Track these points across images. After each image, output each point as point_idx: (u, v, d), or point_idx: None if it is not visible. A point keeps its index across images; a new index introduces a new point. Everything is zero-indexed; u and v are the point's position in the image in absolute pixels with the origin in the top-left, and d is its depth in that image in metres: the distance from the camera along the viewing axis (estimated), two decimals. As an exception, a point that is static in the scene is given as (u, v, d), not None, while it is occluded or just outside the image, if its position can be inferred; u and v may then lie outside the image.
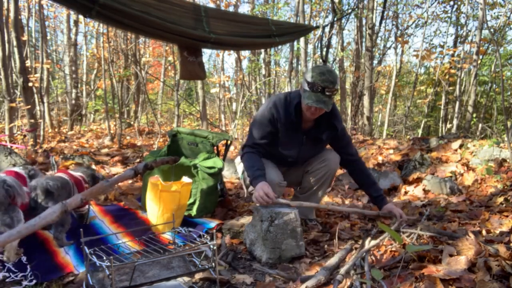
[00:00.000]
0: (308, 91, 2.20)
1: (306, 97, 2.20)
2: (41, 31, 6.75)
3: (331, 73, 2.18)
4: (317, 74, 2.17)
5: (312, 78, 2.18)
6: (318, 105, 2.17)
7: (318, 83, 2.15)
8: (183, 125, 11.78)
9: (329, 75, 2.16)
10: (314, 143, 2.47)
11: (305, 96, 2.21)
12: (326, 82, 2.15)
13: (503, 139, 4.76)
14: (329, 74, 2.17)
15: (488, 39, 7.98)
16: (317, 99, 2.17)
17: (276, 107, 2.35)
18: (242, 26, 3.98)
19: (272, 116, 2.34)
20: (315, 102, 2.17)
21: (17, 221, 1.98)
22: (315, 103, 2.16)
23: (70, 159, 4.55)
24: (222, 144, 3.23)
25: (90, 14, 3.05)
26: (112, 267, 1.45)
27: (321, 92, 2.17)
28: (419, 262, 1.75)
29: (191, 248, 1.83)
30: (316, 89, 2.16)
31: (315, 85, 2.16)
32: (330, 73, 2.17)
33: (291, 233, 2.10)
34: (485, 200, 3.05)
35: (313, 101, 2.17)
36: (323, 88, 2.15)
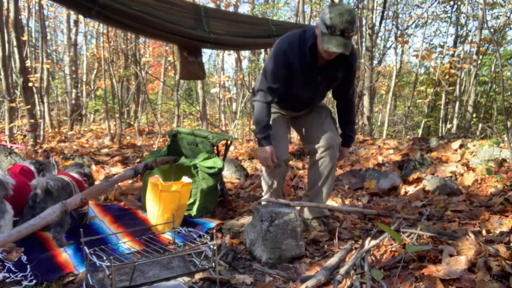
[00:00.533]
0: (327, 34, 2.08)
1: (326, 41, 2.08)
2: (41, 31, 6.75)
3: (350, 12, 2.04)
4: (336, 16, 2.03)
5: (330, 20, 2.04)
6: (339, 50, 2.07)
7: (338, 25, 2.03)
8: (183, 125, 11.78)
9: (348, 15, 2.03)
10: (330, 81, 2.43)
11: (324, 40, 2.09)
12: (346, 23, 2.03)
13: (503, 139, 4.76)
14: (349, 14, 2.03)
15: (488, 39, 7.98)
16: (338, 43, 2.06)
17: (290, 50, 2.25)
18: (242, 26, 3.98)
19: (286, 61, 2.26)
20: (336, 46, 2.06)
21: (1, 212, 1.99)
22: (336, 47, 2.06)
23: (70, 159, 4.55)
24: (222, 144, 3.23)
25: (90, 14, 3.06)
26: (112, 267, 1.45)
27: (341, 35, 2.05)
28: (419, 262, 1.75)
29: (191, 248, 1.83)
30: (336, 32, 2.04)
31: (335, 28, 2.04)
32: (349, 13, 2.03)
33: (291, 233, 2.10)
34: (485, 200, 3.05)
35: (334, 45, 2.06)
36: (343, 30, 2.04)
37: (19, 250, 2.13)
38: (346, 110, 2.61)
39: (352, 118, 2.64)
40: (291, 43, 2.26)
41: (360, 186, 3.79)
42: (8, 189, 2.04)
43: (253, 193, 3.73)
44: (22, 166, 2.62)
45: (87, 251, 1.60)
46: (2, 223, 1.99)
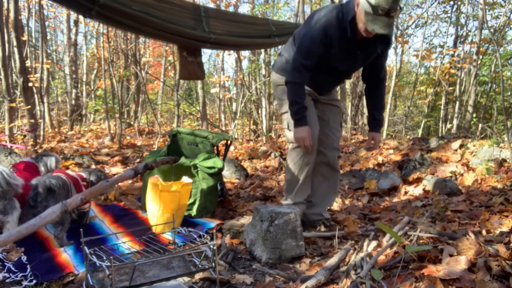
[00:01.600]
0: (371, 14, 1.99)
1: (370, 21, 2.01)
2: (41, 31, 6.75)
3: None
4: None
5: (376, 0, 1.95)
6: (385, 31, 2.00)
7: (383, 5, 1.94)
8: (183, 125, 11.78)
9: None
10: (368, 55, 2.35)
11: (369, 20, 2.01)
12: (392, 3, 1.94)
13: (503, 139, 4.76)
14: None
15: (488, 39, 7.98)
16: (383, 24, 1.98)
17: (330, 27, 2.16)
18: (242, 26, 3.98)
19: (324, 37, 2.17)
20: (382, 28, 1.99)
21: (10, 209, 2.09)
22: (382, 29, 1.99)
23: (70, 159, 4.55)
24: (222, 144, 3.23)
25: (90, 15, 3.06)
26: (112, 267, 1.45)
27: (385, 15, 1.97)
28: (419, 262, 1.75)
29: (191, 248, 1.83)
30: (380, 12, 1.96)
31: (380, 8, 1.95)
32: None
33: (291, 233, 2.10)
34: (485, 200, 3.05)
35: (380, 27, 1.99)
36: (388, 10, 1.96)
37: (19, 250, 2.13)
38: (378, 92, 2.49)
39: (382, 102, 2.53)
40: (330, 18, 2.16)
41: (360, 186, 3.80)
42: (17, 188, 2.11)
43: (253, 193, 3.73)
44: (26, 162, 2.63)
45: (87, 251, 1.60)
46: (10, 219, 2.08)
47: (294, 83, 2.29)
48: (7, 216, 2.09)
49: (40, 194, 2.19)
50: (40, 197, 2.19)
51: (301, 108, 2.29)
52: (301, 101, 2.29)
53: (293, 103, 2.30)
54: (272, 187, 3.92)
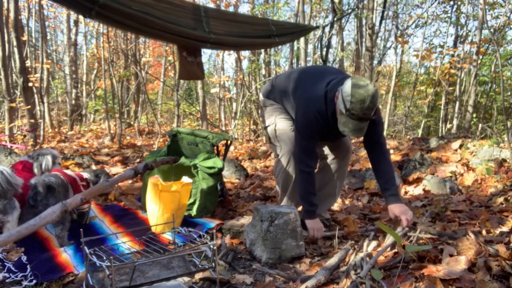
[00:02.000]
0: (344, 115, 2.03)
1: (342, 123, 2.05)
2: (41, 31, 6.76)
3: (372, 98, 1.94)
4: (357, 102, 1.94)
5: (351, 104, 1.96)
6: (353, 135, 2.07)
7: (357, 112, 1.97)
8: (183, 125, 11.78)
9: (370, 101, 1.94)
10: None
11: (341, 121, 2.06)
12: (366, 110, 1.96)
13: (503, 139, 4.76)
14: (371, 101, 1.94)
15: (488, 39, 7.98)
16: (354, 127, 2.03)
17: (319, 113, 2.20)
18: (242, 26, 3.98)
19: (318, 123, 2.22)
20: (352, 131, 2.04)
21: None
22: (352, 132, 2.05)
23: (70, 159, 4.55)
24: (222, 144, 3.23)
25: (90, 15, 3.05)
26: (112, 267, 1.45)
27: (358, 120, 2.00)
28: (419, 262, 1.75)
29: (191, 248, 1.83)
30: (354, 116, 1.99)
31: (353, 112, 1.98)
32: (371, 99, 1.94)
33: (291, 233, 2.10)
34: (485, 200, 3.05)
35: (349, 130, 2.04)
36: (363, 118, 2.00)
37: (19, 250, 2.13)
38: (379, 158, 2.34)
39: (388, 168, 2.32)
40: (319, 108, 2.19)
41: (360, 186, 3.80)
42: (17, 188, 2.12)
43: (253, 193, 3.73)
44: (24, 162, 2.63)
45: (87, 251, 1.60)
46: (10, 218, 2.10)
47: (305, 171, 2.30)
48: (7, 215, 2.10)
49: (40, 193, 2.19)
50: (40, 196, 2.19)
51: (315, 199, 2.32)
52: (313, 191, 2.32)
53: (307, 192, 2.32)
54: (272, 187, 3.92)
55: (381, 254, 1.98)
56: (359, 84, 1.97)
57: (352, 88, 1.97)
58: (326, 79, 2.23)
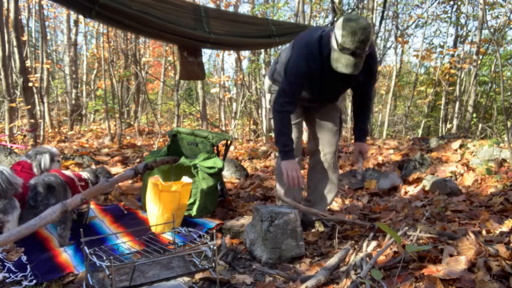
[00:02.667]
0: (336, 50, 1.99)
1: (335, 59, 2.00)
2: (41, 31, 6.75)
3: (364, 30, 1.90)
4: (347, 34, 1.91)
5: (342, 38, 1.93)
6: (347, 70, 1.99)
7: (348, 45, 1.92)
8: (183, 125, 11.78)
9: (361, 34, 1.90)
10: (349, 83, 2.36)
11: (334, 58, 2.01)
12: (358, 43, 1.91)
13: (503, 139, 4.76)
14: (362, 33, 1.90)
15: (488, 39, 7.98)
16: (347, 62, 1.97)
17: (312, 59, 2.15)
18: (242, 26, 3.98)
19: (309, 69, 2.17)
20: (345, 66, 1.98)
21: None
22: (345, 67, 1.98)
23: (70, 159, 4.55)
24: (222, 144, 3.23)
25: (90, 14, 3.06)
26: (112, 267, 1.45)
27: (351, 54, 1.95)
28: (419, 262, 1.75)
29: (191, 248, 1.83)
30: (346, 51, 1.95)
31: (345, 46, 1.94)
32: (363, 31, 1.90)
33: (291, 233, 2.10)
34: (485, 200, 3.05)
35: (342, 65, 1.98)
36: (354, 51, 1.94)
37: (19, 250, 2.13)
38: (363, 106, 2.47)
39: (368, 113, 2.49)
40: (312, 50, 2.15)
41: (360, 186, 3.80)
42: (17, 187, 2.13)
43: (253, 193, 3.73)
44: (22, 163, 2.63)
45: (87, 251, 1.60)
46: (10, 218, 2.11)
47: (281, 111, 2.24)
48: (8, 215, 2.11)
49: (40, 193, 2.19)
50: (40, 196, 2.19)
51: (289, 140, 2.26)
52: (288, 132, 2.26)
53: (280, 134, 2.26)
54: (272, 187, 3.92)
55: (381, 254, 1.99)
56: (350, 18, 1.95)
57: (343, 22, 1.94)
58: (322, 29, 2.23)
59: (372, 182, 3.75)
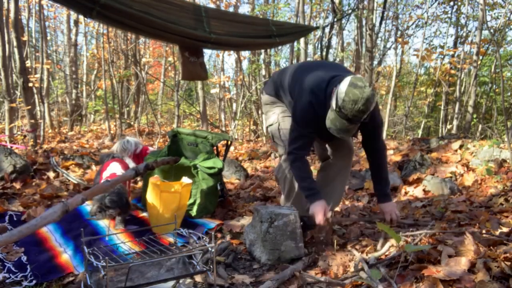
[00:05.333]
0: (334, 111, 1.95)
1: (330, 119, 1.98)
2: (41, 31, 6.76)
3: (366, 101, 1.86)
4: (349, 101, 1.87)
5: (343, 102, 1.89)
6: (339, 134, 1.98)
7: (347, 112, 1.89)
8: (183, 125, 11.78)
9: (362, 104, 1.86)
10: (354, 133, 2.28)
11: (329, 117, 1.99)
12: (357, 112, 1.88)
13: (503, 139, 4.76)
14: (363, 104, 1.86)
15: (488, 40, 7.99)
16: (341, 127, 1.95)
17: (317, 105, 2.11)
18: (243, 27, 3.99)
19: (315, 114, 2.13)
20: (338, 130, 1.97)
21: None
22: (337, 131, 1.97)
23: (70, 159, 4.55)
24: (222, 145, 3.24)
25: (90, 15, 3.06)
26: (107, 267, 1.45)
27: (346, 120, 1.92)
28: (419, 262, 1.75)
29: (188, 250, 1.83)
30: (342, 115, 1.92)
31: (343, 112, 1.91)
32: (364, 102, 1.86)
33: (291, 234, 2.09)
34: (485, 200, 3.05)
35: (336, 128, 1.96)
36: (351, 119, 1.92)
37: (19, 250, 2.13)
38: (375, 162, 2.39)
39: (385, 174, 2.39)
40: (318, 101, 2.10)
41: (360, 187, 3.79)
42: None
43: (253, 194, 3.73)
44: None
45: (86, 250, 1.60)
46: None
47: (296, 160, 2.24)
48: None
49: None
50: None
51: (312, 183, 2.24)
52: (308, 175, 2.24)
53: (302, 179, 2.25)
54: (272, 188, 3.92)
55: (381, 254, 1.99)
56: (357, 84, 1.90)
57: (348, 86, 1.90)
58: (329, 73, 2.16)
59: (372, 182, 3.75)
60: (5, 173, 3.50)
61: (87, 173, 4.14)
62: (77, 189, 3.53)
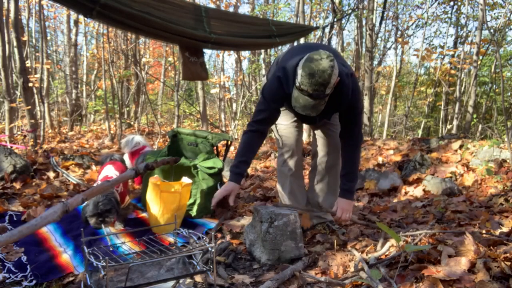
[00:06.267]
0: (297, 89, 1.91)
1: (294, 97, 1.93)
2: (41, 31, 6.75)
3: (323, 73, 1.81)
4: (305, 76, 1.84)
5: (301, 78, 1.86)
6: (303, 111, 1.93)
7: (306, 87, 1.85)
8: (183, 125, 11.78)
9: (319, 77, 1.81)
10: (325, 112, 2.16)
11: (294, 96, 1.94)
12: (315, 85, 1.83)
13: (503, 139, 4.76)
14: (320, 76, 1.81)
15: (488, 40, 7.99)
16: (304, 103, 1.90)
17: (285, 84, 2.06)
18: (243, 27, 3.99)
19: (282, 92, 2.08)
20: (302, 107, 1.92)
21: None
22: (301, 108, 1.92)
23: (70, 159, 4.55)
24: (222, 145, 3.24)
25: (91, 15, 3.06)
26: (107, 267, 1.45)
27: (309, 96, 1.87)
28: (419, 262, 1.75)
29: (188, 250, 1.83)
30: (304, 92, 1.88)
31: (302, 89, 1.87)
32: (321, 74, 1.81)
33: (291, 234, 2.09)
34: (485, 200, 3.05)
35: (300, 105, 1.92)
36: (311, 94, 1.86)
37: (19, 250, 2.13)
38: (348, 151, 2.27)
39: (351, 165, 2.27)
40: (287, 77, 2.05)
41: (360, 187, 3.79)
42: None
43: (253, 194, 3.73)
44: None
45: (86, 250, 1.60)
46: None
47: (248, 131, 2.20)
48: None
49: None
50: None
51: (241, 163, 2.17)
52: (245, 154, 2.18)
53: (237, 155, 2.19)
54: (272, 188, 3.92)
55: (381, 254, 1.99)
56: (313, 57, 1.85)
57: (304, 61, 1.87)
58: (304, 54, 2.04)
59: (372, 182, 3.75)
60: (5, 173, 3.50)
61: (87, 173, 4.14)
62: (77, 189, 3.53)
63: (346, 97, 2.06)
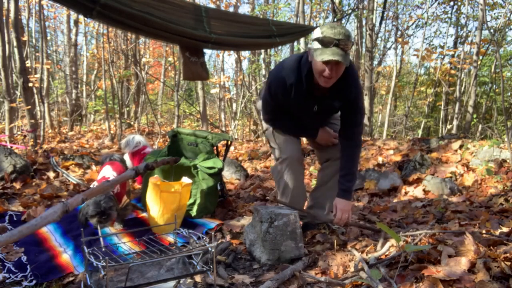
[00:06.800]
0: (320, 48, 1.93)
1: (319, 54, 1.92)
2: (41, 31, 6.75)
3: (342, 27, 1.96)
4: (327, 29, 1.93)
5: (322, 33, 1.92)
6: (335, 57, 1.88)
7: (331, 36, 1.90)
8: (183, 125, 11.78)
9: (341, 28, 1.93)
10: (327, 110, 2.28)
11: (318, 54, 1.93)
12: (339, 35, 1.90)
13: (503, 139, 4.76)
14: (341, 28, 1.94)
15: (488, 40, 7.99)
16: (333, 52, 1.89)
17: (289, 72, 2.13)
18: (243, 27, 3.98)
19: (284, 83, 2.14)
20: (332, 55, 1.89)
21: None
22: (332, 55, 1.89)
23: (70, 159, 4.55)
24: (222, 145, 3.24)
25: (91, 15, 3.05)
26: (107, 267, 1.45)
27: (335, 46, 1.90)
28: (419, 262, 1.75)
29: (188, 250, 1.83)
30: (329, 43, 1.90)
31: (327, 39, 1.90)
32: (341, 27, 1.95)
33: (291, 234, 2.09)
34: (485, 200, 3.05)
35: (329, 54, 1.89)
36: (338, 41, 1.90)
37: (19, 250, 2.13)
38: (347, 151, 2.28)
39: (350, 165, 2.28)
40: (290, 67, 2.13)
41: (360, 187, 3.79)
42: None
43: (253, 194, 3.73)
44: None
45: (86, 250, 1.60)
46: None
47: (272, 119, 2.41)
48: None
49: None
50: None
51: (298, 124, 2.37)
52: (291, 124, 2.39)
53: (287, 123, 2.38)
54: (272, 188, 3.92)
55: (381, 254, 1.99)
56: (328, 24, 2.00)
57: (319, 27, 2.01)
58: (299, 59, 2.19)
59: (372, 182, 3.75)
60: (5, 173, 3.50)
61: (87, 173, 4.14)
62: (77, 189, 3.53)
63: (349, 88, 2.12)
